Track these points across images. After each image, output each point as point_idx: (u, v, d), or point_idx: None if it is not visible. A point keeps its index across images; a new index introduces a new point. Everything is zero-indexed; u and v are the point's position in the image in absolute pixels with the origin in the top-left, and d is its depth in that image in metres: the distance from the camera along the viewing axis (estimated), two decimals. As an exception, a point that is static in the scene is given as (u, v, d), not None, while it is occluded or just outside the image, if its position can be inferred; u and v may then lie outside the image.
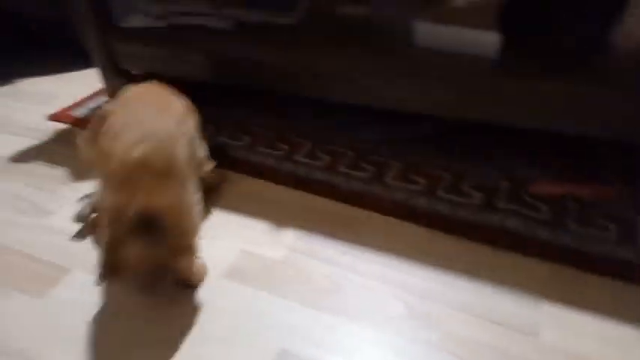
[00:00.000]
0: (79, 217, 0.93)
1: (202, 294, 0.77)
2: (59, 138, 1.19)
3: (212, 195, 0.95)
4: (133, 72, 1.21)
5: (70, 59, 1.56)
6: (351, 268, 0.79)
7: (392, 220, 0.88)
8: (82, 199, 0.96)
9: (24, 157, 1.13)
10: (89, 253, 0.85)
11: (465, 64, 0.86)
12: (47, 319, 0.74)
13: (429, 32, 0.91)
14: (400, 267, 0.79)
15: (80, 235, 0.89)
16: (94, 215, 0.91)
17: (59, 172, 1.06)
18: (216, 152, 0.95)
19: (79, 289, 0.79)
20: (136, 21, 1.16)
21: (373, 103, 0.94)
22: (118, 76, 1.16)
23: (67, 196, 0.99)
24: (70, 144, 1.16)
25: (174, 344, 0.69)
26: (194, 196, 0.69)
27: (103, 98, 1.34)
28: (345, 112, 1.14)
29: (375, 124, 1.11)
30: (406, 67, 0.89)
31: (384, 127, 1.10)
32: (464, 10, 0.94)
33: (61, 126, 1.24)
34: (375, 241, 0.83)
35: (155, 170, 0.63)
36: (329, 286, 0.77)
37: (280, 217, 0.90)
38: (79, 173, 1.05)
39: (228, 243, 0.86)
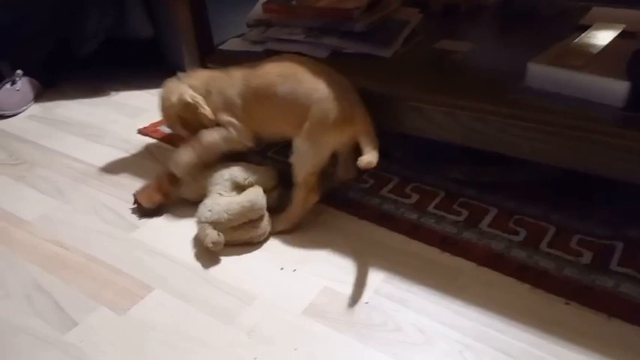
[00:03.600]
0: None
1: (279, 329, 0.73)
2: (147, 152, 1.22)
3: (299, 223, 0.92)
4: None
5: (162, 76, 1.62)
6: (446, 323, 0.72)
7: (488, 271, 0.81)
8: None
9: (114, 168, 1.16)
10: (172, 272, 0.84)
11: (584, 112, 0.79)
12: (130, 337, 0.73)
13: (543, 74, 0.85)
14: (500, 327, 0.71)
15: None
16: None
17: (146, 187, 1.07)
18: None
19: (162, 309, 0.77)
20: (233, 45, 1.18)
21: (472, 144, 0.89)
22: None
23: (152, 212, 1.00)
24: (156, 159, 1.19)
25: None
26: None
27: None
28: (431, 148, 1.08)
29: (461, 164, 1.05)
30: (515, 111, 0.83)
31: (472, 167, 1.03)
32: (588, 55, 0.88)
33: (150, 140, 1.27)
34: (471, 295, 0.76)
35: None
36: (420, 338, 0.70)
37: (365, 256, 0.85)
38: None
39: (311, 278, 0.82)
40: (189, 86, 0.97)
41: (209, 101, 0.95)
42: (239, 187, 0.91)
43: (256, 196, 0.87)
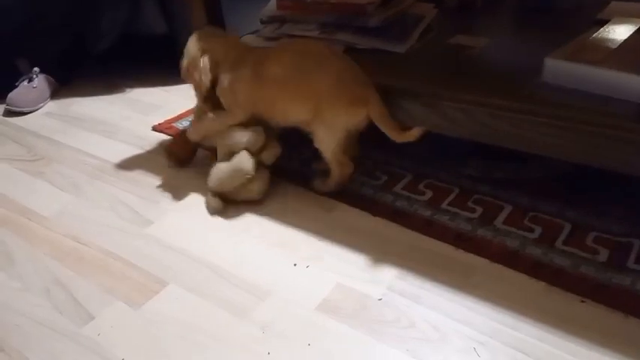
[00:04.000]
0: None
1: (293, 325, 0.73)
2: (161, 149, 1.23)
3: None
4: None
5: (176, 73, 1.63)
6: (460, 319, 0.72)
7: (503, 268, 0.80)
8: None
9: (128, 164, 1.17)
10: (186, 267, 0.85)
11: (601, 108, 0.78)
12: (146, 331, 0.74)
13: (560, 70, 0.84)
14: (515, 325, 0.70)
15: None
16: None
17: (160, 183, 1.09)
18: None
19: (177, 304, 0.78)
20: (248, 41, 1.18)
21: (487, 140, 0.88)
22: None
23: (166, 208, 1.01)
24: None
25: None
26: None
27: (205, 113, 1.37)
28: (444, 144, 1.07)
29: (475, 160, 1.04)
30: (531, 106, 0.82)
31: (485, 163, 1.02)
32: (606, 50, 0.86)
33: (164, 137, 1.28)
34: (485, 292, 0.76)
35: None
36: (434, 335, 0.70)
37: (379, 252, 0.85)
38: (178, 185, 1.07)
39: (325, 274, 0.82)
40: (210, 49, 0.98)
41: (217, 71, 0.97)
42: (234, 153, 0.96)
43: (240, 161, 0.94)
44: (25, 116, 1.45)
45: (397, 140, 0.89)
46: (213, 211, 0.97)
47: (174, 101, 1.47)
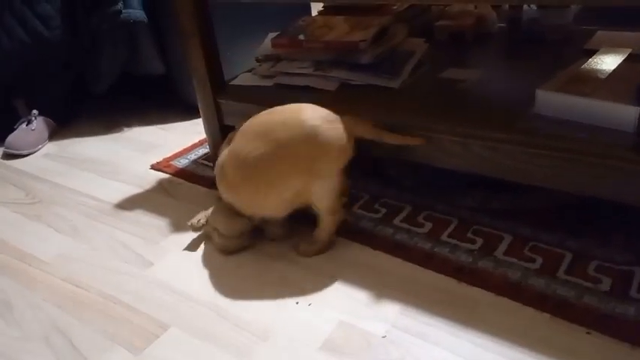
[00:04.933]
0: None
1: (300, 367, 0.72)
2: (160, 187, 1.23)
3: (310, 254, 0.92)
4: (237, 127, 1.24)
5: (173, 111, 1.65)
6: (466, 357, 0.71)
7: (506, 300, 0.80)
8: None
9: (128, 204, 1.17)
10: (187, 309, 0.84)
11: (595, 138, 0.79)
12: (144, 378, 0.73)
13: (552, 101, 0.85)
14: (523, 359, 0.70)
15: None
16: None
17: (160, 223, 1.08)
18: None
19: (179, 348, 0.77)
20: (244, 80, 1.20)
21: (483, 172, 0.89)
22: (221, 131, 1.19)
23: (167, 248, 1.00)
24: (170, 194, 1.20)
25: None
26: None
27: (204, 150, 1.39)
28: (442, 175, 1.08)
29: (473, 190, 1.04)
30: (525, 138, 0.83)
31: (483, 193, 1.03)
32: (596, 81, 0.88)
33: (163, 175, 1.29)
34: (490, 326, 0.75)
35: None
36: (440, 373, 0.69)
37: (381, 287, 0.85)
38: (179, 225, 1.07)
39: (327, 312, 0.81)
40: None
41: None
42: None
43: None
44: (24, 159, 1.46)
45: (400, 143, 0.90)
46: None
47: (172, 139, 1.49)
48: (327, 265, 0.91)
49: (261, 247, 0.97)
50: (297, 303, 0.83)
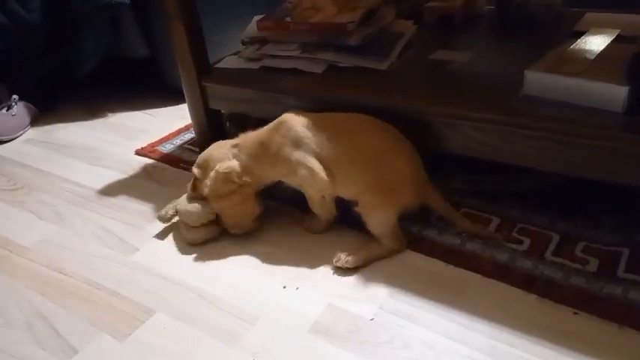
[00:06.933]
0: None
1: (285, 349, 0.71)
2: (145, 173, 1.21)
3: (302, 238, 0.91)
4: (223, 111, 1.22)
5: (159, 96, 1.62)
6: (455, 338, 0.71)
7: (494, 282, 0.80)
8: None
9: (112, 190, 1.15)
10: (173, 294, 0.83)
11: (584, 118, 0.78)
12: (130, 364, 0.72)
13: (540, 82, 0.85)
14: (510, 340, 0.70)
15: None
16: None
17: (144, 208, 1.07)
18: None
19: (164, 333, 0.76)
20: (229, 62, 1.17)
21: (472, 154, 0.88)
22: (207, 115, 1.17)
23: (151, 233, 0.99)
24: (154, 179, 1.18)
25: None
26: None
27: (189, 135, 1.36)
28: (431, 158, 1.07)
29: (463, 173, 1.03)
30: (514, 119, 0.82)
31: (473, 176, 1.02)
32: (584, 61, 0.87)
33: (147, 161, 1.27)
34: (478, 308, 0.75)
35: None
36: (429, 355, 0.69)
37: (369, 270, 0.84)
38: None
39: (315, 295, 0.80)
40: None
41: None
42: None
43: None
44: (5, 144, 1.43)
45: (467, 228, 0.89)
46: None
47: (157, 124, 1.46)
48: (314, 248, 0.90)
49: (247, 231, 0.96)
50: (284, 287, 0.83)
